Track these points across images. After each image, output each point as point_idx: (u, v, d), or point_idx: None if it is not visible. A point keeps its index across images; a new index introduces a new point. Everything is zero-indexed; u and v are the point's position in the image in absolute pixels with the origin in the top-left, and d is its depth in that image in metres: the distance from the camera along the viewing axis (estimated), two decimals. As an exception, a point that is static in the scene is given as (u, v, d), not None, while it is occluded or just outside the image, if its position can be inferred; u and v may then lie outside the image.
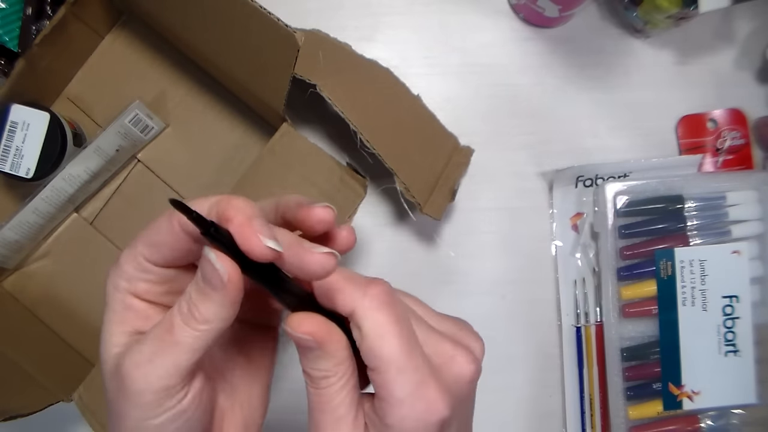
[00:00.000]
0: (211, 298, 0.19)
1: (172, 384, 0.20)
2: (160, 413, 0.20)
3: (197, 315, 0.19)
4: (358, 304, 0.20)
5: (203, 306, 0.19)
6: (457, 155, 0.49)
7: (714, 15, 0.51)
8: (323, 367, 0.21)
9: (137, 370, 0.20)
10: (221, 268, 0.19)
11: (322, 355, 0.21)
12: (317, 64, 0.42)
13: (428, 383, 0.20)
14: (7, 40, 0.47)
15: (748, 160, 0.51)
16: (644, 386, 0.47)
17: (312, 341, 0.20)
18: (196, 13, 0.41)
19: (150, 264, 0.21)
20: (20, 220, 0.45)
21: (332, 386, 0.21)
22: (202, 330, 0.20)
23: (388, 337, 0.20)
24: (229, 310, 0.20)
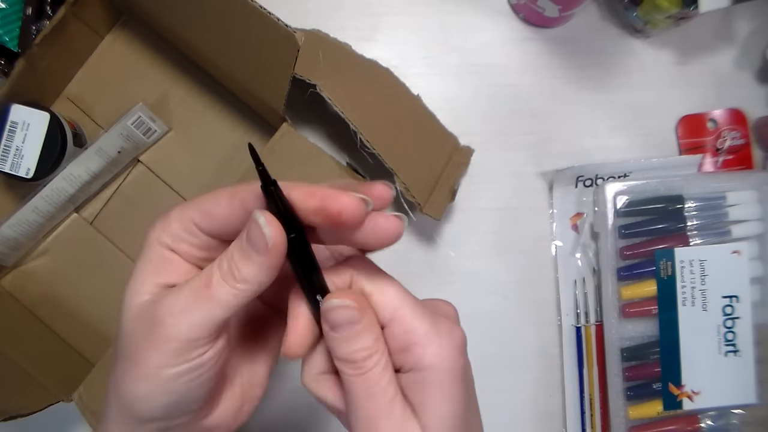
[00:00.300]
0: (253, 259, 0.20)
1: (201, 336, 0.20)
2: (180, 362, 0.21)
3: (236, 274, 0.20)
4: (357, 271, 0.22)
5: (244, 266, 0.20)
6: (457, 155, 0.49)
7: (714, 15, 0.51)
8: (365, 343, 0.21)
9: (171, 317, 0.20)
10: (269, 233, 0.19)
11: (363, 328, 0.21)
12: (317, 64, 0.42)
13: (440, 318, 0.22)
14: (7, 40, 0.47)
15: (748, 160, 0.51)
16: (644, 386, 0.47)
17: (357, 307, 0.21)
18: (196, 13, 0.41)
19: (198, 230, 0.22)
20: (19, 218, 0.45)
21: (377, 365, 0.21)
22: (240, 289, 0.20)
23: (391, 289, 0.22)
24: (267, 274, 0.20)
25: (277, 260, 0.20)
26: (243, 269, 0.20)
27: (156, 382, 0.21)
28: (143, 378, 0.21)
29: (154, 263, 0.22)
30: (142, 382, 0.21)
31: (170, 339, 0.20)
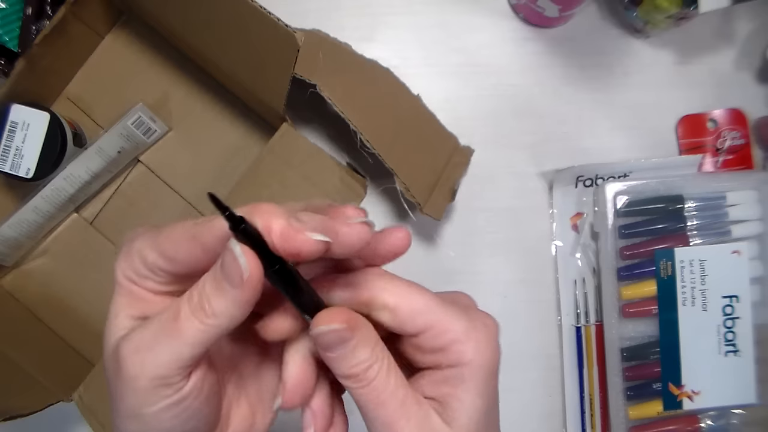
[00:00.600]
0: (227, 293, 0.18)
1: (170, 374, 0.19)
2: (156, 401, 0.19)
3: (207, 308, 0.19)
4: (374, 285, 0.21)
5: (216, 299, 0.19)
6: (457, 155, 0.49)
7: (714, 15, 0.51)
8: (362, 357, 0.20)
9: (135, 355, 0.19)
10: (244, 264, 0.18)
11: (357, 344, 0.20)
12: (317, 64, 0.42)
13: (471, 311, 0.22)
14: (7, 40, 0.47)
15: (748, 160, 0.51)
16: (644, 386, 0.47)
17: (346, 328, 0.20)
18: (197, 13, 0.41)
19: (161, 271, 0.21)
20: (19, 218, 0.45)
21: (380, 374, 0.21)
22: (209, 324, 0.19)
23: (416, 295, 0.21)
24: (241, 309, 0.19)
25: (252, 294, 0.18)
26: (215, 303, 0.19)
27: (142, 420, 0.20)
28: (128, 417, 0.20)
29: (125, 297, 0.21)
30: (131, 422, 0.20)
31: (137, 378, 0.19)
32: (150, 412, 0.19)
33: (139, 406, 0.19)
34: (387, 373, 0.21)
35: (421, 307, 0.21)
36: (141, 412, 0.20)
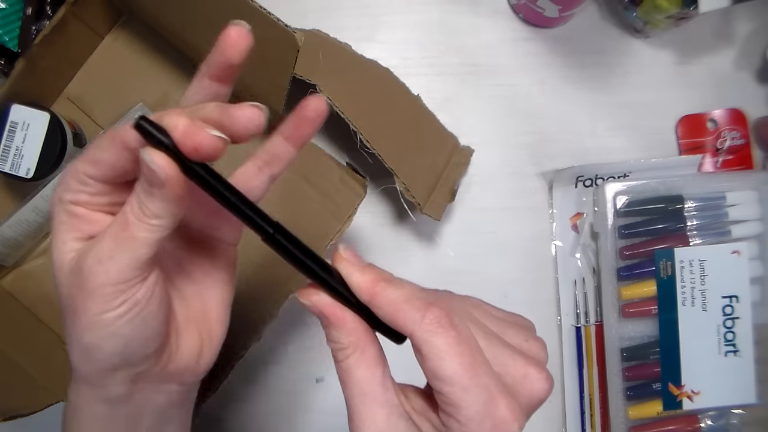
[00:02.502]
0: (156, 195, 0.21)
1: (130, 277, 0.21)
2: (117, 305, 0.22)
3: (147, 212, 0.21)
4: (416, 328, 0.21)
5: (151, 203, 0.21)
6: (457, 155, 0.49)
7: (714, 15, 0.51)
8: (335, 337, 0.22)
9: (99, 266, 0.21)
10: (158, 167, 0.20)
11: (329, 324, 0.22)
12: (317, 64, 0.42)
13: (498, 401, 0.20)
14: (7, 40, 0.46)
15: (748, 160, 0.51)
16: (644, 386, 0.47)
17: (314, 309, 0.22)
18: (196, 13, 0.41)
19: (91, 179, 0.22)
20: (19, 218, 0.45)
21: (349, 358, 0.22)
22: (155, 224, 0.21)
23: (448, 359, 0.20)
24: (175, 205, 0.21)
25: (177, 189, 0.21)
26: (150, 206, 0.21)
27: (100, 328, 0.22)
28: (88, 328, 0.22)
29: (65, 222, 0.23)
30: (89, 332, 0.22)
31: (103, 285, 0.21)
32: (110, 317, 0.22)
33: (101, 312, 0.22)
34: (357, 362, 0.22)
35: (444, 374, 0.20)
36: (102, 318, 0.22)
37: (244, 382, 0.49)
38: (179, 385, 0.26)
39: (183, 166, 0.21)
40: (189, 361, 0.26)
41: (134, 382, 0.24)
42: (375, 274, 0.22)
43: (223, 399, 0.49)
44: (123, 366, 0.23)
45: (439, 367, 0.20)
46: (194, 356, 0.26)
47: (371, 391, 0.22)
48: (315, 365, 0.49)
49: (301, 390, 0.49)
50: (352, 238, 0.50)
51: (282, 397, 0.49)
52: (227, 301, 0.28)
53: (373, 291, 0.22)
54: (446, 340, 0.20)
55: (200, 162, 0.21)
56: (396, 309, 0.21)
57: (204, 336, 0.27)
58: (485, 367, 0.21)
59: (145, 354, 0.24)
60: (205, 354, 0.27)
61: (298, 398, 0.49)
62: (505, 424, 0.20)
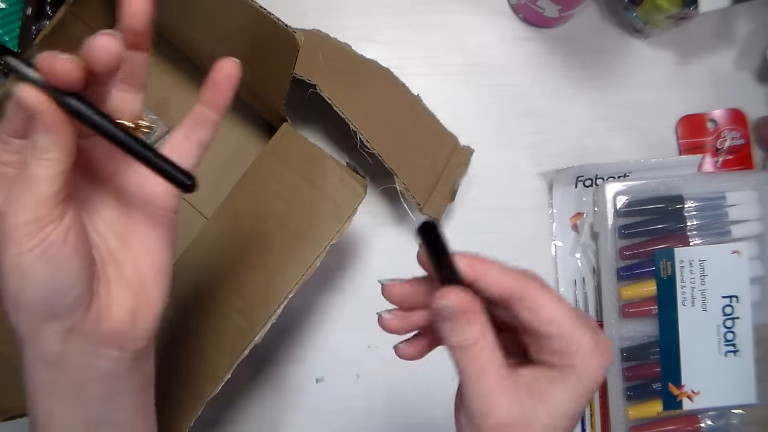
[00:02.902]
0: (38, 128, 0.22)
1: (41, 215, 0.23)
2: (32, 246, 0.23)
3: (37, 147, 0.22)
4: (527, 288, 0.24)
5: (38, 138, 0.22)
6: (457, 155, 0.49)
7: (714, 15, 0.51)
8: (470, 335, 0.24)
9: (9, 208, 0.23)
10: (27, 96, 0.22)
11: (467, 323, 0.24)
12: (317, 64, 0.42)
13: (600, 335, 0.24)
14: (7, 40, 0.47)
15: (748, 160, 0.51)
16: (644, 386, 0.47)
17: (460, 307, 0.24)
18: (197, 13, 0.41)
19: (9, 136, 0.24)
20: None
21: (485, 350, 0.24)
22: (47, 158, 0.22)
23: (559, 307, 0.24)
24: (59, 135, 0.23)
25: (53, 118, 0.22)
26: (37, 140, 0.22)
27: (19, 272, 0.23)
28: (9, 273, 0.23)
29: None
30: (11, 278, 0.23)
31: (16, 226, 0.22)
32: (26, 259, 0.23)
33: (17, 254, 0.23)
34: (491, 353, 0.24)
35: (560, 318, 0.24)
36: (20, 260, 0.23)
37: (244, 382, 0.49)
38: (119, 350, 0.26)
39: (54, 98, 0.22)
40: (123, 323, 0.26)
41: (67, 340, 0.25)
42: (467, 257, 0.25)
43: (224, 399, 0.49)
44: (49, 316, 0.24)
45: (556, 312, 0.24)
46: (128, 318, 0.26)
47: (505, 374, 0.24)
48: (315, 365, 0.49)
49: (301, 390, 0.49)
50: (352, 238, 0.50)
51: (282, 397, 0.49)
52: (163, 267, 0.28)
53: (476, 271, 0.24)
54: (551, 294, 0.24)
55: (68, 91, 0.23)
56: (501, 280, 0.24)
57: (140, 299, 0.27)
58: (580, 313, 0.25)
59: (66, 303, 0.24)
60: (141, 318, 0.27)
61: (298, 398, 0.49)
62: (609, 352, 0.24)
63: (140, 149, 0.24)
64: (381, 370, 0.49)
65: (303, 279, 0.40)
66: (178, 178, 0.24)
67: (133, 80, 0.27)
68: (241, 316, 0.40)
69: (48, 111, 0.22)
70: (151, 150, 0.24)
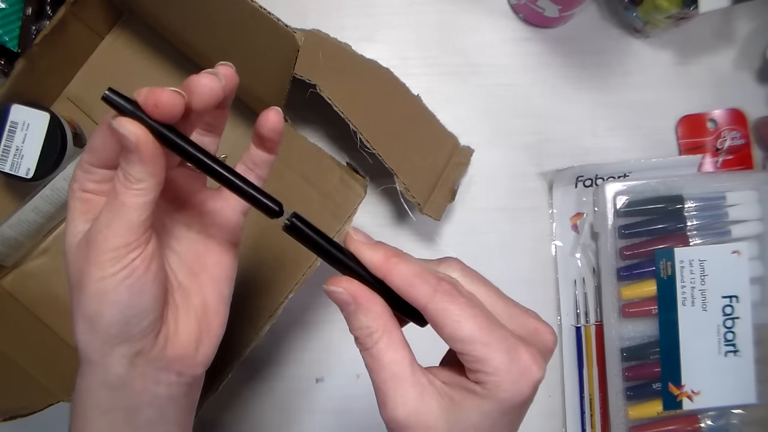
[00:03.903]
0: (134, 159, 0.23)
1: (128, 241, 0.23)
2: (117, 270, 0.23)
3: (131, 177, 0.23)
4: (430, 300, 0.22)
5: (131, 169, 0.23)
6: (457, 155, 0.49)
7: (714, 15, 0.51)
8: (363, 323, 0.23)
9: (99, 234, 0.23)
10: (126, 132, 0.22)
11: (357, 310, 0.23)
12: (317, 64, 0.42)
13: (518, 350, 0.22)
14: (7, 40, 0.47)
15: (748, 160, 0.51)
16: (644, 386, 0.47)
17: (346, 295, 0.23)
18: (196, 13, 0.41)
19: (92, 166, 0.25)
20: (19, 218, 0.45)
21: (378, 343, 0.23)
22: (139, 188, 0.23)
23: (464, 321, 0.22)
24: (153, 167, 0.23)
25: (151, 150, 0.23)
26: (131, 171, 0.23)
27: (101, 294, 0.23)
28: (91, 296, 0.23)
29: (77, 208, 0.25)
30: (91, 301, 0.24)
31: (103, 252, 0.23)
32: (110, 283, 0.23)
33: (101, 277, 0.23)
34: (387, 346, 0.23)
35: (462, 335, 0.22)
36: (103, 284, 0.23)
37: (244, 382, 0.49)
38: (177, 376, 0.27)
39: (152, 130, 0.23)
40: (187, 349, 0.27)
41: (133, 364, 0.25)
42: (386, 250, 0.24)
43: (224, 399, 0.49)
44: (122, 339, 0.24)
45: (457, 330, 0.22)
46: (192, 344, 0.27)
47: (401, 372, 0.23)
48: (315, 365, 0.49)
49: (301, 390, 0.49)
50: (352, 238, 0.50)
51: (282, 397, 0.49)
52: (226, 297, 0.29)
53: (386, 267, 0.23)
54: (459, 306, 0.22)
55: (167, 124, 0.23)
56: (409, 284, 0.23)
57: (203, 327, 0.28)
58: (499, 323, 0.23)
59: (141, 327, 0.25)
60: (203, 345, 0.28)
61: (298, 398, 0.49)
62: (529, 368, 0.22)
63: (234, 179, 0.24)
64: (381, 370, 0.49)
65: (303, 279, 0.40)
66: (268, 205, 0.24)
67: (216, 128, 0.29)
68: (240, 316, 0.40)
69: (147, 144, 0.23)
70: (244, 180, 0.24)
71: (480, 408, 0.22)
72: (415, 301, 0.23)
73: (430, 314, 0.22)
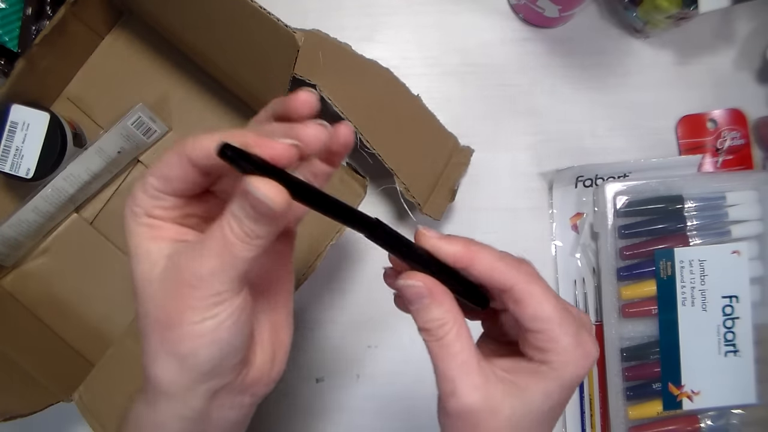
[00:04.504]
0: (263, 221, 0.21)
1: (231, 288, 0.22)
2: (218, 313, 0.22)
3: (251, 233, 0.21)
4: (517, 280, 0.24)
5: (256, 227, 0.21)
6: (457, 155, 0.49)
7: (714, 15, 0.51)
8: (436, 315, 0.24)
9: (201, 282, 0.22)
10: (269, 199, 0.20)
11: (432, 303, 0.24)
12: (317, 64, 0.42)
13: (582, 333, 0.24)
14: (7, 40, 0.47)
15: (747, 160, 0.51)
16: (644, 386, 0.47)
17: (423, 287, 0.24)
18: (197, 13, 0.41)
19: (162, 194, 0.23)
20: (19, 218, 0.45)
21: (449, 333, 0.24)
22: (255, 244, 0.22)
23: (545, 302, 0.24)
24: (278, 225, 0.22)
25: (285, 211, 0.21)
26: (255, 229, 0.21)
27: (199, 336, 0.22)
28: (186, 337, 0.22)
29: (144, 234, 0.23)
30: (186, 341, 0.22)
31: (205, 298, 0.22)
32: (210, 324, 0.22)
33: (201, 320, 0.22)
34: (456, 336, 0.24)
35: (543, 315, 0.24)
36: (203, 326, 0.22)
37: (244, 382, 0.49)
38: (251, 397, 0.26)
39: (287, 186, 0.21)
40: (263, 370, 0.26)
41: (214, 398, 0.24)
42: (463, 240, 0.25)
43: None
44: (212, 375, 0.24)
45: (540, 309, 0.23)
46: (268, 364, 0.26)
47: (469, 360, 0.24)
48: (315, 365, 0.49)
49: (301, 390, 0.49)
50: (352, 238, 0.50)
51: (282, 398, 0.49)
52: (291, 309, 0.29)
53: (469, 256, 0.24)
54: (541, 288, 0.24)
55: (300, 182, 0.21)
56: (493, 268, 0.24)
57: (275, 344, 0.27)
58: (567, 306, 0.25)
59: (233, 363, 0.24)
60: (276, 361, 0.27)
61: (298, 398, 0.49)
62: (591, 350, 0.24)
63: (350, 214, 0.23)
64: (381, 370, 0.49)
65: (303, 279, 0.41)
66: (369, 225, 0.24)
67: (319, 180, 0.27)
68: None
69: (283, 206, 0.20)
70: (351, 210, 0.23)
71: (545, 389, 0.24)
72: (500, 283, 0.24)
73: (515, 294, 0.24)
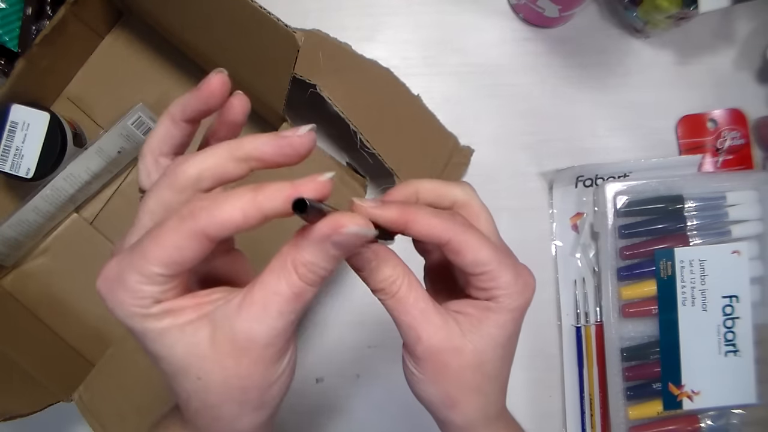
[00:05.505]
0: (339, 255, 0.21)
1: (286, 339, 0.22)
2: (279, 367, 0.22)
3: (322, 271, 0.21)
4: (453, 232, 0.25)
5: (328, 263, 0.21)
6: (457, 155, 0.49)
7: (714, 15, 0.51)
8: (387, 274, 0.25)
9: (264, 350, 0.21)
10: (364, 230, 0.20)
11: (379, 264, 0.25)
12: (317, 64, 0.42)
13: (520, 268, 0.27)
14: (7, 40, 0.47)
15: (748, 160, 0.51)
16: (644, 386, 0.47)
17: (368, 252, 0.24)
18: (197, 13, 0.41)
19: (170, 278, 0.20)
20: (19, 218, 0.45)
21: (402, 287, 0.25)
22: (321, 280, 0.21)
23: (483, 248, 0.25)
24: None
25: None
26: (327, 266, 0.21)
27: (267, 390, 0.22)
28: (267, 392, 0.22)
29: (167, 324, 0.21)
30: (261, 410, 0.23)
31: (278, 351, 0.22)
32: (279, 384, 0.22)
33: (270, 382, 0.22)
34: (409, 288, 0.25)
35: (482, 259, 0.25)
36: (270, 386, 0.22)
37: (244, 382, 0.49)
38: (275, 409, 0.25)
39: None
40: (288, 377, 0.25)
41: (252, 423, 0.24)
42: (396, 205, 0.25)
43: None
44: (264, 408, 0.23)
45: (478, 254, 0.25)
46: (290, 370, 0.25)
47: (426, 306, 0.25)
48: (315, 365, 0.49)
49: (301, 390, 0.49)
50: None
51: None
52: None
53: (404, 219, 0.25)
54: (475, 235, 0.25)
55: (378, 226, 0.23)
56: (430, 226, 0.25)
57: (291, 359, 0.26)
58: (500, 247, 0.27)
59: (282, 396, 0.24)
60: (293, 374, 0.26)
61: (298, 398, 0.49)
62: (530, 281, 0.27)
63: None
64: (381, 370, 0.49)
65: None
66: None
67: None
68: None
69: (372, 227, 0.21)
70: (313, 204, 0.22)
71: (497, 321, 0.26)
72: (438, 237, 0.25)
73: (454, 245, 0.25)
